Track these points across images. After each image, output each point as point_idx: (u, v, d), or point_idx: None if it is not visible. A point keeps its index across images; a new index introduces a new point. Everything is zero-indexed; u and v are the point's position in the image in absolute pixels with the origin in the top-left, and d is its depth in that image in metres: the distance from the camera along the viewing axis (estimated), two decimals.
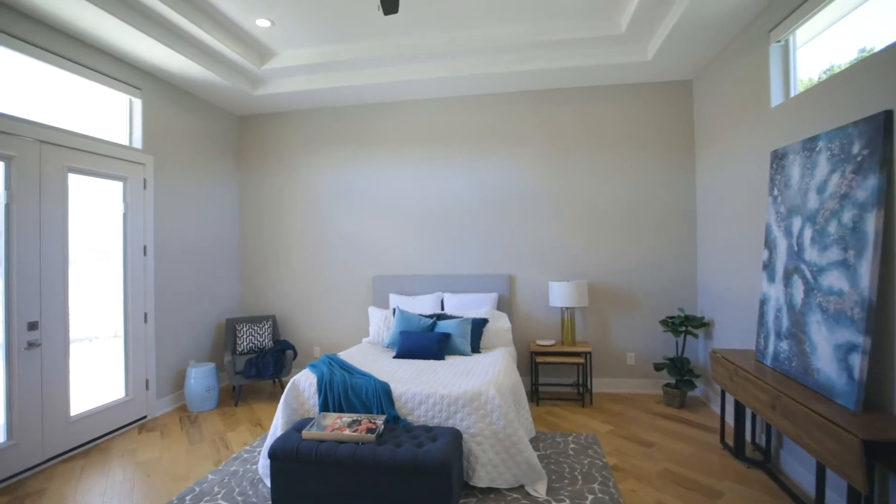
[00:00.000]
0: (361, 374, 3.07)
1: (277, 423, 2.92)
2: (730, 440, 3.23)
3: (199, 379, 4.16)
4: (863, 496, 1.91)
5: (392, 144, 4.94)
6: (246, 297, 5.29)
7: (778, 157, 2.81)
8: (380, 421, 2.62)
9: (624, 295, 4.50)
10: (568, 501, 2.54)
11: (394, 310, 4.43)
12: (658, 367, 4.13)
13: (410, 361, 3.59)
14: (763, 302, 2.85)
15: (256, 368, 4.31)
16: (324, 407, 2.88)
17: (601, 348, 4.54)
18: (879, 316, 2.03)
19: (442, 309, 4.57)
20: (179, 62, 3.77)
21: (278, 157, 5.22)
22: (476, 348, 3.96)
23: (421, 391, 2.83)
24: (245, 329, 4.64)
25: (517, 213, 4.69)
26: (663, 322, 4.15)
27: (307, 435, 2.49)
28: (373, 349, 4.06)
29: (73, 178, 3.39)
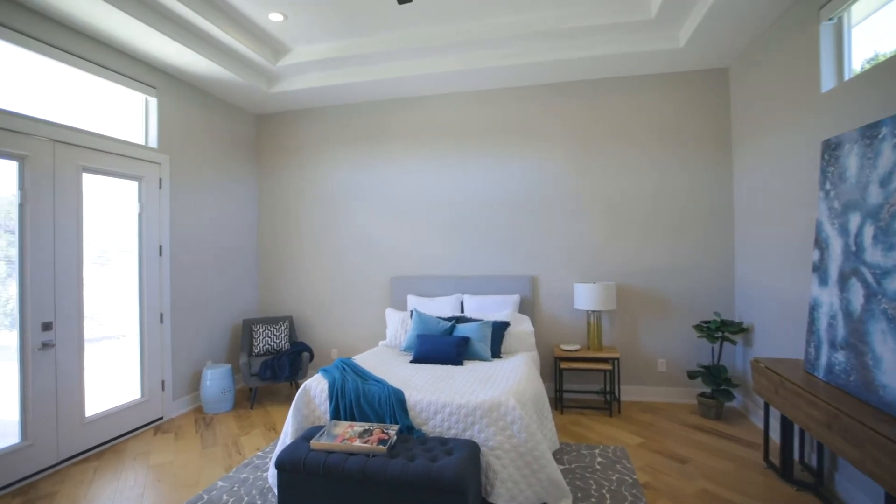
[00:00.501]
0: (375, 381, 2.93)
1: (287, 431, 2.80)
2: (775, 458, 2.96)
3: (215, 380, 4.11)
4: None
5: (409, 141, 4.80)
6: (263, 298, 5.23)
7: (831, 148, 2.54)
8: (392, 431, 2.47)
9: (654, 297, 4.24)
10: None
11: (411, 312, 4.29)
12: (692, 376, 3.86)
13: (427, 367, 3.43)
14: (814, 307, 2.58)
15: (272, 370, 4.24)
16: (335, 414, 2.75)
17: (630, 354, 4.29)
18: None
19: (462, 311, 4.40)
20: (194, 60, 3.72)
21: (295, 156, 5.15)
22: (497, 353, 3.77)
23: (436, 400, 2.66)
24: (261, 330, 4.58)
25: (540, 212, 4.47)
26: (697, 327, 3.88)
27: (315, 445, 2.37)
28: (389, 353, 3.92)
29: (88, 178, 3.37)
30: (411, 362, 3.58)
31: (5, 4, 2.84)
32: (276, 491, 2.59)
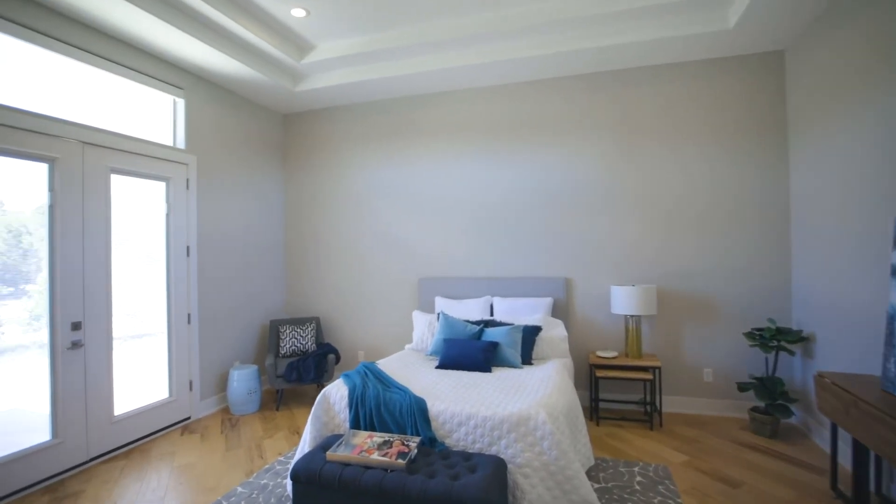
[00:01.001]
0: (398, 388, 2.79)
1: (306, 439, 2.70)
2: (845, 487, 2.62)
3: (241, 381, 4.09)
4: None
5: (436, 138, 4.65)
6: (290, 298, 5.21)
7: None
8: (413, 443, 2.32)
9: (699, 302, 3.91)
10: None
11: (438, 314, 4.13)
12: (743, 388, 3.53)
13: (453, 373, 3.27)
14: (893, 317, 2.25)
15: (297, 372, 4.18)
16: (355, 423, 2.63)
17: (672, 362, 3.98)
18: None
19: (491, 314, 4.21)
20: (219, 59, 3.70)
21: (322, 155, 5.10)
22: (527, 359, 3.56)
23: (461, 411, 2.49)
24: (288, 331, 4.54)
25: (575, 210, 4.22)
26: (749, 335, 3.54)
27: (331, 456, 2.24)
28: (415, 357, 3.78)
29: (116, 179, 3.39)
30: (437, 368, 3.42)
31: (38, 9, 2.88)
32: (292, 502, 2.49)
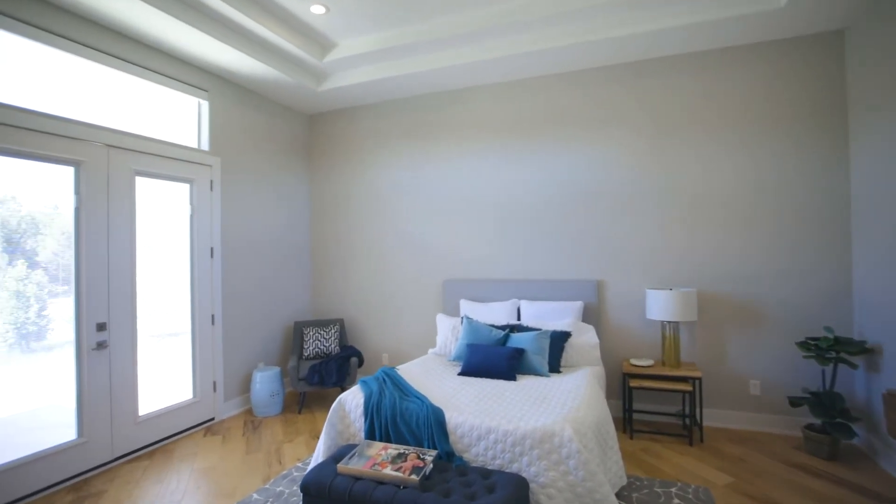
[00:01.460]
0: (416, 397, 2.66)
1: (320, 448, 2.62)
2: None
3: (264, 383, 4.07)
4: None
5: (461, 136, 4.50)
6: (314, 300, 5.19)
7: None
8: (429, 457, 2.19)
9: (745, 307, 3.60)
10: None
11: (462, 318, 3.99)
12: (795, 403, 3.21)
13: (476, 381, 3.11)
14: None
15: (319, 375, 4.13)
16: (370, 433, 2.52)
17: (714, 372, 3.68)
18: None
19: (518, 318, 4.03)
20: (242, 60, 3.69)
21: (345, 156, 5.04)
22: (555, 367, 3.37)
23: (480, 424, 2.34)
24: (312, 333, 4.50)
25: (608, 208, 3.98)
26: (803, 345, 3.22)
27: (343, 469, 2.14)
28: (437, 363, 3.65)
29: (141, 181, 3.42)
30: (459, 375, 3.28)
31: (65, 16, 2.92)
32: None
